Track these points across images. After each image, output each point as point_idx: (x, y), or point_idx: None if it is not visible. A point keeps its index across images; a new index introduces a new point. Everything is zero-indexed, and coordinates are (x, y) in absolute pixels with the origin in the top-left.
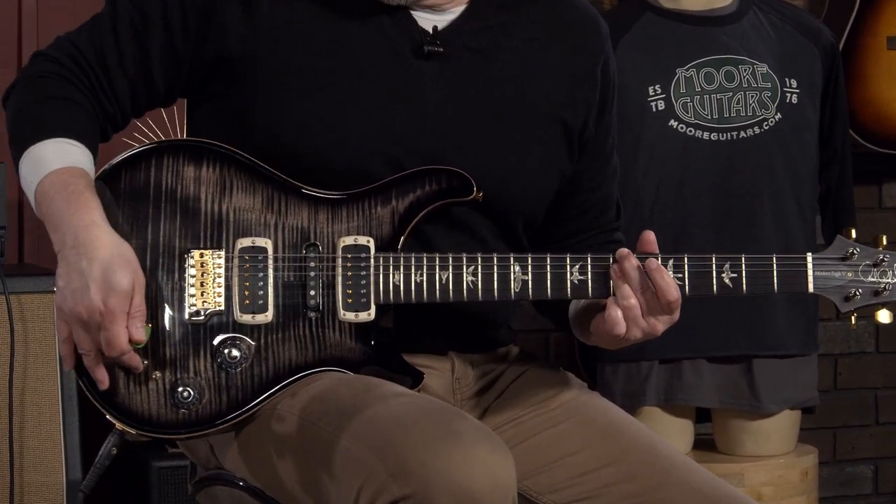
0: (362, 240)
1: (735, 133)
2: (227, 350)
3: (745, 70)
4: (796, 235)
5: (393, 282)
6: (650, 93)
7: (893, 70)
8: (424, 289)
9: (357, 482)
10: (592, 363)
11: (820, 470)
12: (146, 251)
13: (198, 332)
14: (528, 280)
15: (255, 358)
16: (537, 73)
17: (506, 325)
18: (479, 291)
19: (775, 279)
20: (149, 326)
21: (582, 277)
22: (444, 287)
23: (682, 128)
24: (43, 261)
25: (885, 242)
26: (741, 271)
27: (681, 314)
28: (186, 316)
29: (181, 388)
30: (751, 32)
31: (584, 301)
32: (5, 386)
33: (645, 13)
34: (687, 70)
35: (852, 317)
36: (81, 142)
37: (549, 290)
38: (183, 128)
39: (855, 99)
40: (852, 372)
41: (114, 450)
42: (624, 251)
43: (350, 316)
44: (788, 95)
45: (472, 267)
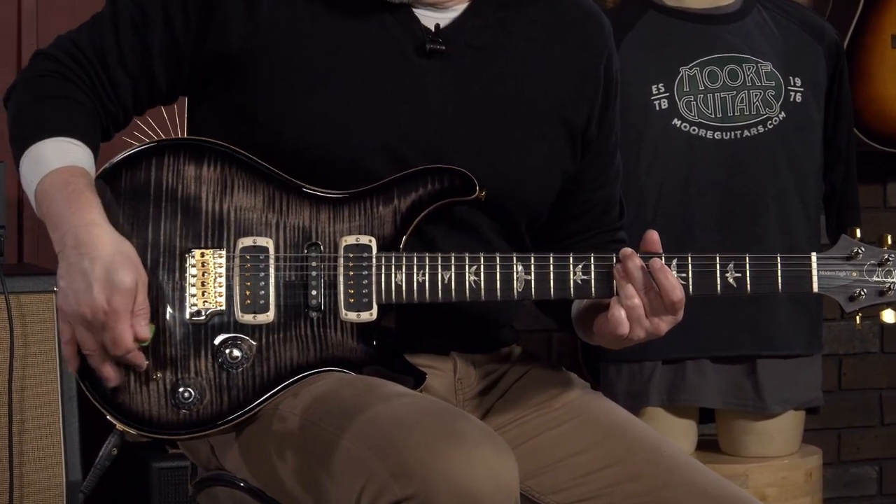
0: (364, 239)
1: (739, 132)
2: (229, 350)
3: (749, 69)
4: (800, 235)
5: (395, 281)
6: (653, 91)
7: None
8: (427, 289)
9: (359, 483)
10: (595, 363)
11: (824, 471)
12: (147, 250)
13: (199, 333)
14: (531, 280)
15: (257, 358)
16: (540, 71)
17: (508, 325)
18: (482, 291)
19: (779, 279)
20: (152, 325)
21: (585, 277)
22: (447, 287)
23: (686, 127)
24: (43, 260)
25: (890, 242)
26: (745, 271)
27: (684, 314)
28: (187, 316)
29: (182, 389)
30: (755, 31)
31: (588, 301)
32: (5, 386)
33: (648, 11)
34: (690, 68)
35: (857, 317)
36: (82, 141)
37: (553, 290)
38: (184, 126)
39: (859, 98)
40: (857, 372)
41: (114, 450)
42: (627, 251)
43: (352, 316)
44: (792, 94)
45: (475, 266)
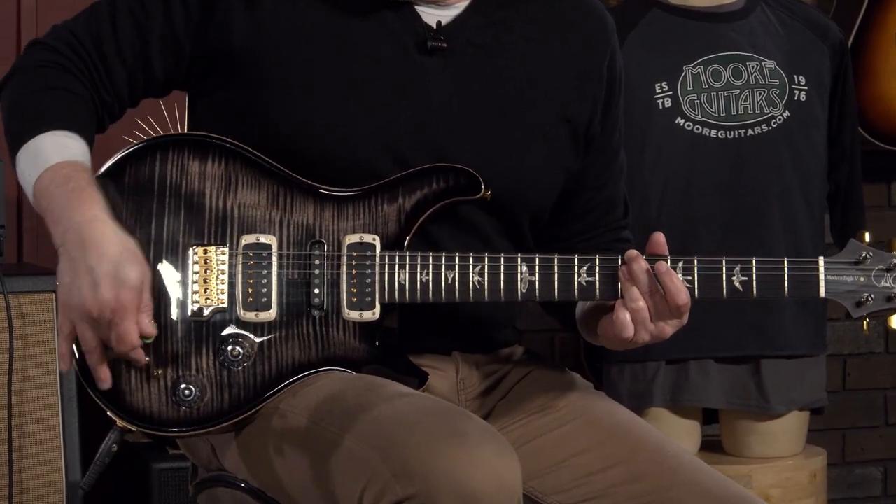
0: (368, 238)
1: (743, 131)
2: (230, 348)
3: (753, 67)
4: (804, 234)
5: (398, 281)
6: (657, 90)
7: None
8: (430, 288)
9: (360, 483)
10: (598, 364)
11: (828, 472)
12: (149, 247)
13: (200, 330)
14: (536, 281)
15: (258, 356)
16: (542, 69)
17: (511, 326)
18: (486, 292)
19: (786, 283)
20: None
21: (590, 279)
22: (450, 287)
23: (690, 125)
24: (42, 260)
25: None
26: (751, 275)
27: (689, 316)
28: (189, 313)
29: (183, 386)
30: (759, 29)
31: (592, 302)
32: (4, 386)
33: (651, 9)
34: (694, 67)
35: (865, 322)
36: (80, 135)
37: (557, 292)
38: (184, 123)
39: (864, 96)
40: (861, 372)
41: (114, 447)
42: (633, 253)
43: (354, 315)
44: (797, 93)
45: (479, 267)
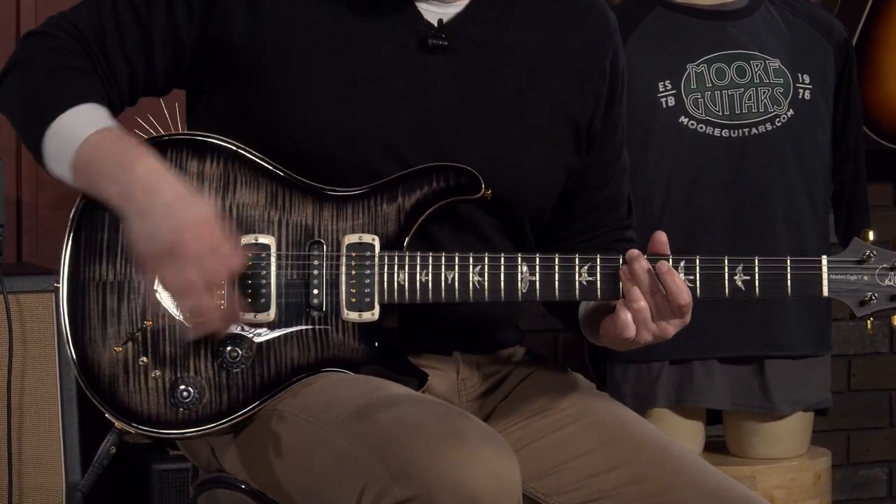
0: (367, 238)
1: (747, 129)
2: (228, 349)
3: (757, 65)
4: (809, 234)
5: (398, 281)
6: (660, 88)
7: None
8: (430, 289)
9: (359, 484)
10: (601, 364)
11: (833, 473)
12: None
13: None
14: (536, 281)
15: (257, 357)
16: (544, 67)
17: (512, 326)
18: (486, 292)
19: (789, 283)
20: None
21: (591, 278)
22: (450, 287)
23: (693, 124)
24: (42, 259)
25: None
26: (754, 274)
27: (692, 315)
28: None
29: (181, 388)
30: (762, 27)
31: (594, 302)
32: (4, 386)
33: (655, 7)
34: (698, 65)
35: (868, 321)
36: (105, 107)
37: (557, 292)
38: (183, 122)
39: (868, 95)
40: (866, 373)
41: (112, 449)
42: (634, 252)
43: (353, 316)
44: (801, 91)
45: (479, 267)
